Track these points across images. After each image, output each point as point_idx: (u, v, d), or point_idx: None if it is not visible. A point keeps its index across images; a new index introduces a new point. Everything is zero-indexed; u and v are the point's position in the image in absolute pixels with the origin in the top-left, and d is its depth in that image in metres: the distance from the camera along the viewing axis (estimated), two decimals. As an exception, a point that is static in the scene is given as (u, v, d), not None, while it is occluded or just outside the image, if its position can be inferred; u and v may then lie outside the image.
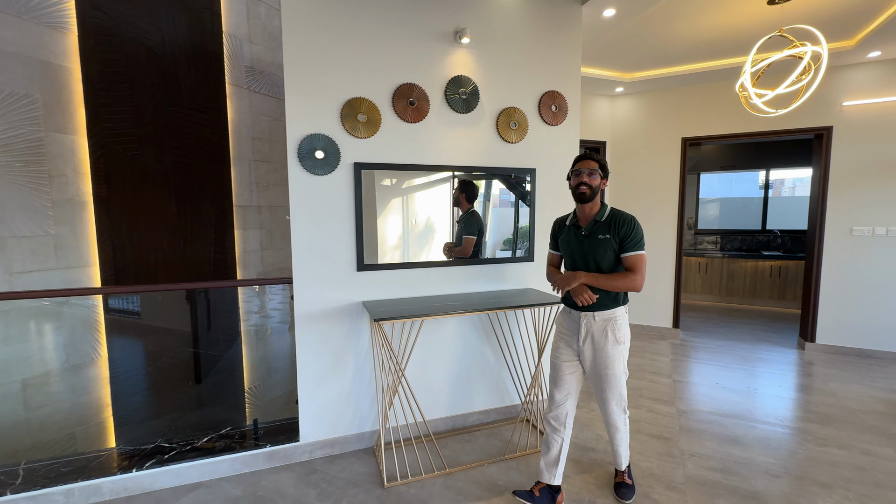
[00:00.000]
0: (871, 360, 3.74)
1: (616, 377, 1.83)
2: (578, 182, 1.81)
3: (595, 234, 1.81)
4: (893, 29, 3.02)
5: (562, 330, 1.95)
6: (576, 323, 1.86)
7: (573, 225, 1.90)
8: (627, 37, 3.30)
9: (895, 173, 3.62)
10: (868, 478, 2.11)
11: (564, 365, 1.91)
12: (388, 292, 2.40)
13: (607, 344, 1.79)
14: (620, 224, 1.78)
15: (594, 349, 1.82)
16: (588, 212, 1.85)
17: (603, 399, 1.89)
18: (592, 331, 1.82)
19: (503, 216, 2.72)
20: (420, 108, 2.34)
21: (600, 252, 1.79)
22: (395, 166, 2.33)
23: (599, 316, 1.81)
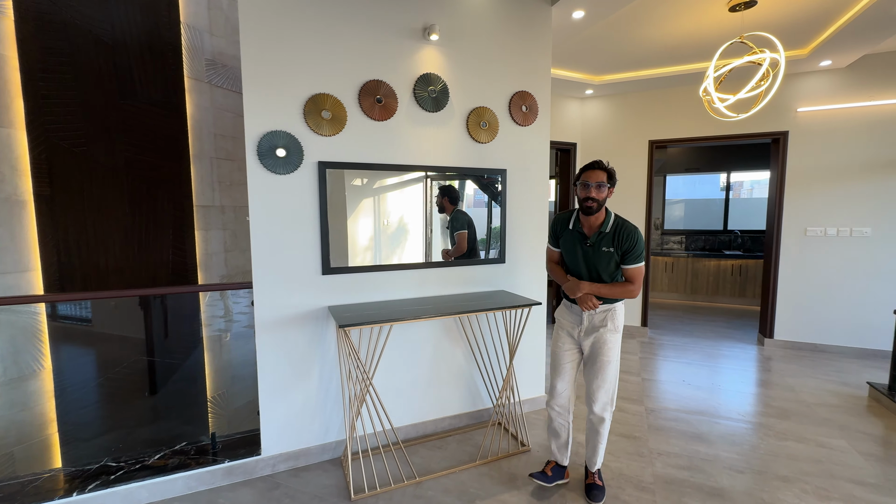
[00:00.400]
0: (824, 354, 3.93)
1: (611, 363, 1.90)
2: (586, 196, 1.81)
3: (599, 245, 1.85)
4: (842, 40, 3.18)
5: (563, 322, 2.03)
6: (577, 315, 1.95)
7: (578, 231, 1.91)
8: (596, 39, 3.33)
9: (845, 177, 3.82)
10: (824, 470, 2.19)
11: (565, 354, 2.01)
12: (356, 296, 2.32)
13: (606, 331, 1.89)
14: (624, 237, 1.81)
15: (594, 336, 1.91)
16: (593, 221, 1.87)
17: (593, 388, 1.93)
18: (594, 321, 1.91)
19: (477, 217, 2.69)
20: (388, 106, 2.27)
21: (603, 263, 1.86)
22: (363, 166, 2.25)
23: (600, 308, 1.89)
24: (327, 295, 2.24)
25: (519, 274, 2.76)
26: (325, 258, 2.20)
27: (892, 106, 3.64)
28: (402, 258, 2.45)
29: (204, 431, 3.13)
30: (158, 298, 3.25)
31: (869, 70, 3.68)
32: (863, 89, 3.71)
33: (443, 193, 2.51)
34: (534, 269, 2.81)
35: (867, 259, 3.79)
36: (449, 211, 2.54)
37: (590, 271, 1.89)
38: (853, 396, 3.06)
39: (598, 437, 1.99)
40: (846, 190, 3.82)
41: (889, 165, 3.68)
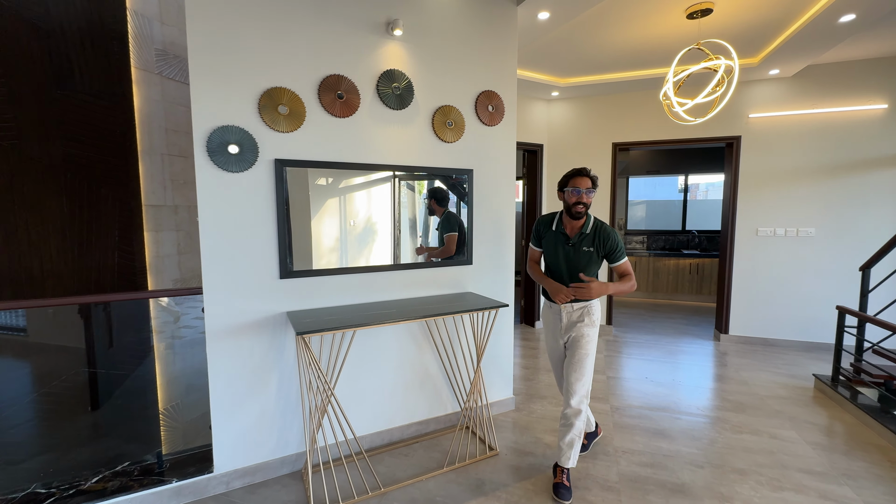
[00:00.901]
0: (775, 348, 4.14)
1: (589, 356, 2.01)
2: (577, 201, 1.94)
3: (580, 245, 2.00)
4: (789, 50, 3.35)
5: (547, 322, 2.19)
6: (557, 314, 2.10)
7: (560, 232, 2.06)
8: (562, 42, 3.36)
9: (792, 180, 4.04)
10: (776, 461, 2.29)
11: (554, 353, 2.18)
12: (319, 300, 2.21)
13: (583, 325, 2.03)
14: (604, 238, 1.98)
15: (573, 330, 2.05)
16: (576, 224, 2.02)
17: (572, 381, 2.00)
18: (571, 316, 2.07)
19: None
20: (350, 102, 2.18)
21: (583, 261, 2.01)
22: (324, 164, 2.16)
23: (577, 305, 2.05)
24: (286, 300, 2.12)
25: (486, 275, 2.73)
26: (283, 261, 2.09)
27: (833, 114, 3.88)
28: (369, 260, 2.37)
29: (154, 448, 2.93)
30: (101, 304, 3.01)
31: (813, 79, 3.91)
32: (807, 98, 3.94)
33: (430, 196, 2.53)
34: (501, 271, 2.79)
35: (812, 257, 4.03)
36: (439, 213, 2.57)
37: (569, 269, 2.04)
38: (801, 388, 3.23)
39: (573, 431, 1.98)
40: (793, 192, 4.04)
41: (831, 170, 3.93)
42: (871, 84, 3.77)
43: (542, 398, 3.07)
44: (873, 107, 3.77)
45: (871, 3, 2.60)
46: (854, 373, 3.04)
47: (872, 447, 2.42)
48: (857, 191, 3.86)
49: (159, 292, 2.86)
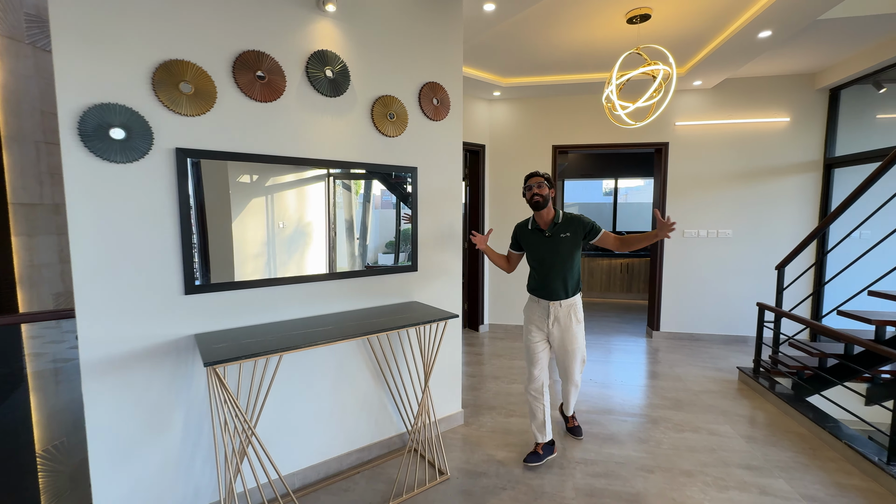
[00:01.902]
0: (700, 342, 4.41)
1: (580, 349, 2.27)
2: (533, 194, 2.17)
3: (556, 234, 2.18)
4: (710, 63, 3.55)
5: (531, 316, 2.29)
6: (545, 309, 2.23)
7: (536, 229, 2.24)
8: (505, 39, 3.26)
9: (712, 185, 4.32)
10: (718, 459, 2.34)
11: (537, 345, 2.27)
12: (239, 318, 1.86)
13: (571, 324, 2.21)
14: (577, 223, 2.17)
15: (561, 329, 2.21)
16: (546, 217, 2.21)
17: (568, 367, 2.31)
18: (559, 315, 2.20)
19: (385, 220, 2.41)
20: (273, 85, 1.85)
21: (563, 247, 2.17)
22: (241, 156, 1.81)
23: (564, 303, 2.19)
24: (195, 320, 1.74)
25: (433, 283, 2.52)
26: (188, 273, 1.71)
27: (746, 125, 4.21)
28: (302, 267, 2.06)
29: (30, 500, 2.33)
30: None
31: (729, 92, 4.21)
32: (725, 109, 4.24)
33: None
34: (449, 278, 2.60)
35: (730, 257, 4.34)
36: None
37: (553, 255, 2.19)
38: (727, 381, 3.43)
39: (573, 395, 2.49)
40: (713, 196, 4.33)
41: (744, 176, 4.26)
42: (776, 99, 4.14)
43: (490, 409, 2.93)
44: (778, 119, 4.15)
45: (786, 21, 2.79)
46: (772, 364, 3.28)
47: (794, 435, 2.58)
48: (767, 195, 4.23)
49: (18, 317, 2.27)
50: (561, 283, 2.18)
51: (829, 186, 4.08)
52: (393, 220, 2.41)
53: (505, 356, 4.00)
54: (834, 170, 4.05)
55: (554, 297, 2.18)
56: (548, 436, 2.29)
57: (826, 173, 4.09)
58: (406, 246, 2.42)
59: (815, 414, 2.69)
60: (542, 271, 2.22)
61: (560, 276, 2.17)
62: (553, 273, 2.18)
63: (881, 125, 4.03)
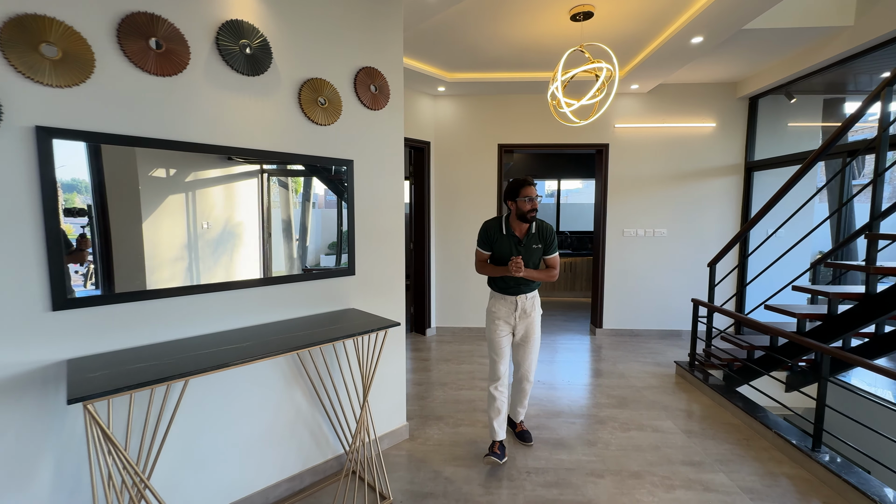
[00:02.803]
0: (639, 338, 4.56)
1: (538, 337, 2.37)
2: (532, 208, 2.15)
3: (530, 244, 2.20)
4: (647, 67, 3.65)
5: (498, 312, 2.29)
6: (511, 303, 2.26)
7: (510, 234, 2.22)
8: (449, 30, 3.11)
9: (648, 186, 4.49)
10: (663, 456, 2.35)
11: (503, 340, 2.29)
12: (140, 335, 1.53)
13: (535, 312, 2.32)
14: (547, 234, 2.23)
15: (526, 319, 2.30)
16: (524, 226, 2.21)
17: (528, 362, 2.37)
18: (525, 306, 2.27)
19: (326, 220, 2.20)
20: (173, 56, 1.55)
21: (535, 258, 2.23)
22: (130, 140, 1.49)
23: (529, 295, 2.29)
24: (71, 342, 1.40)
25: (373, 288, 2.31)
26: (57, 284, 1.36)
27: (677, 129, 4.42)
28: (231, 273, 1.81)
29: None
30: None
31: (663, 97, 4.39)
32: (659, 113, 4.41)
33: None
34: (390, 281, 2.40)
35: (665, 255, 4.53)
36: None
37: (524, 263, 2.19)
38: (665, 375, 3.54)
39: (525, 396, 2.48)
40: (649, 197, 4.50)
41: (676, 178, 4.46)
42: (703, 105, 4.38)
43: (437, 419, 2.76)
44: (706, 124, 4.39)
45: (716, 28, 2.91)
46: (706, 357, 3.42)
47: (729, 427, 2.68)
48: (696, 196, 4.46)
49: None
50: (525, 283, 2.24)
51: (749, 188, 4.38)
52: (333, 220, 2.19)
53: (452, 360, 3.86)
54: (754, 173, 4.36)
55: (521, 292, 2.25)
56: (504, 433, 2.31)
57: (747, 176, 4.39)
58: (345, 247, 2.18)
59: (745, 404, 2.81)
60: (508, 275, 2.19)
61: (525, 280, 2.22)
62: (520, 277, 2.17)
63: (792, 132, 4.40)
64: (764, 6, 2.63)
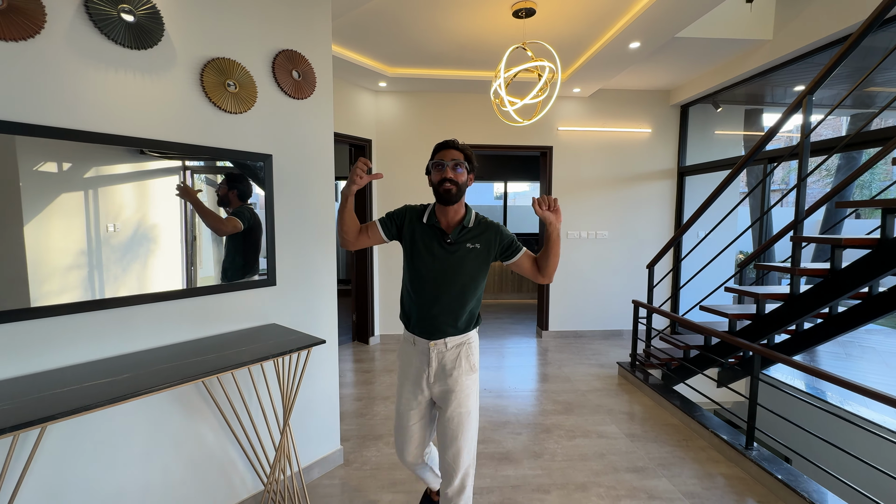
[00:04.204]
0: (583, 339, 4.61)
1: (471, 416, 1.48)
2: (442, 178, 1.40)
3: (462, 242, 1.45)
4: (588, 71, 3.68)
5: (406, 366, 1.54)
6: (424, 354, 1.48)
7: (433, 227, 1.46)
8: (386, 20, 2.92)
9: (590, 189, 4.55)
10: (608, 465, 2.30)
11: (412, 414, 1.52)
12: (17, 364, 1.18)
13: (462, 374, 1.46)
14: (493, 234, 1.48)
15: (447, 383, 1.46)
16: (452, 216, 1.46)
17: (452, 454, 1.46)
18: (444, 360, 1.46)
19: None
20: (20, 15, 1.22)
21: (468, 265, 1.44)
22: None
23: (452, 342, 1.46)
24: None
25: (297, 299, 2.05)
26: None
27: (616, 133, 4.52)
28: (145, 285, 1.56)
29: None
30: None
31: (602, 102, 4.47)
32: (599, 117, 4.49)
33: (230, 184, 1.78)
34: (317, 292, 2.15)
35: (607, 257, 4.62)
36: (235, 206, 1.80)
37: (449, 273, 1.43)
38: (608, 377, 3.56)
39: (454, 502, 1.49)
40: (592, 199, 4.57)
41: (616, 181, 4.57)
42: (640, 111, 4.52)
43: (377, 438, 2.55)
44: (642, 130, 4.53)
45: (652, 34, 2.95)
46: (646, 357, 3.49)
47: (670, 428, 2.71)
48: (635, 199, 4.59)
49: None
50: (450, 314, 1.44)
51: (682, 192, 4.58)
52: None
53: (397, 371, 3.65)
54: (686, 177, 4.56)
55: (436, 334, 1.45)
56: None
57: (679, 180, 4.58)
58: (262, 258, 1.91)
59: (682, 403, 2.87)
60: (425, 293, 1.45)
61: (452, 304, 1.44)
62: (443, 298, 1.44)
63: (719, 139, 4.66)
64: (695, 14, 2.69)
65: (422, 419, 1.53)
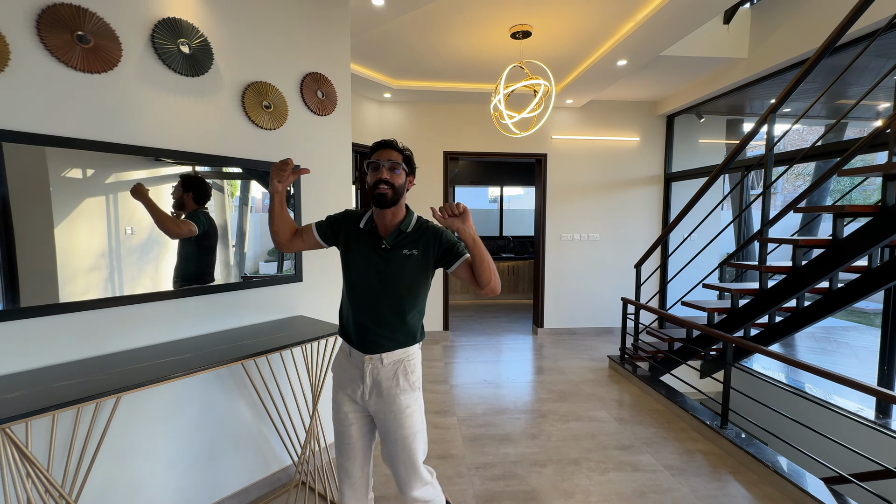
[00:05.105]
0: (577, 336, 4.87)
1: (417, 435, 1.37)
2: (377, 180, 1.29)
3: (399, 248, 1.35)
4: (579, 85, 3.96)
5: (340, 379, 1.42)
6: (358, 368, 1.36)
7: (370, 231, 1.37)
8: (395, 39, 3.17)
9: (582, 193, 4.83)
10: (598, 444, 2.55)
11: (352, 429, 1.40)
12: (58, 353, 1.41)
13: (399, 392, 1.34)
14: (433, 238, 1.37)
15: (383, 402, 1.34)
16: (390, 219, 1.36)
17: (402, 473, 1.37)
18: (379, 378, 1.34)
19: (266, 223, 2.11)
20: (102, 52, 1.46)
21: (407, 273, 1.34)
22: (55, 140, 1.38)
23: (389, 358, 1.35)
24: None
25: (321, 294, 2.29)
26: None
27: (607, 142, 4.81)
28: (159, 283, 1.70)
29: None
30: None
31: (594, 112, 4.76)
32: (591, 126, 4.78)
33: (186, 187, 1.75)
34: (339, 287, 2.38)
35: (598, 258, 4.90)
36: (189, 210, 1.78)
37: (385, 286, 1.34)
38: (600, 369, 3.82)
39: None
40: (584, 204, 4.85)
41: (607, 186, 4.85)
42: (629, 121, 4.81)
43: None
44: (631, 138, 4.82)
45: (637, 53, 3.23)
46: (634, 351, 3.75)
47: (654, 412, 2.96)
48: (624, 203, 4.87)
49: None
50: (387, 327, 1.34)
51: (668, 197, 4.87)
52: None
53: (401, 365, 3.89)
54: (672, 183, 4.85)
55: (372, 348, 1.35)
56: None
57: (666, 186, 4.87)
58: (290, 255, 2.14)
59: (667, 391, 3.13)
60: (360, 303, 1.36)
61: (389, 316, 1.34)
62: (379, 309, 1.34)
63: (702, 148, 4.96)
64: (677, 36, 2.97)
65: (362, 435, 1.42)
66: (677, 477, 2.22)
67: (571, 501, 2.03)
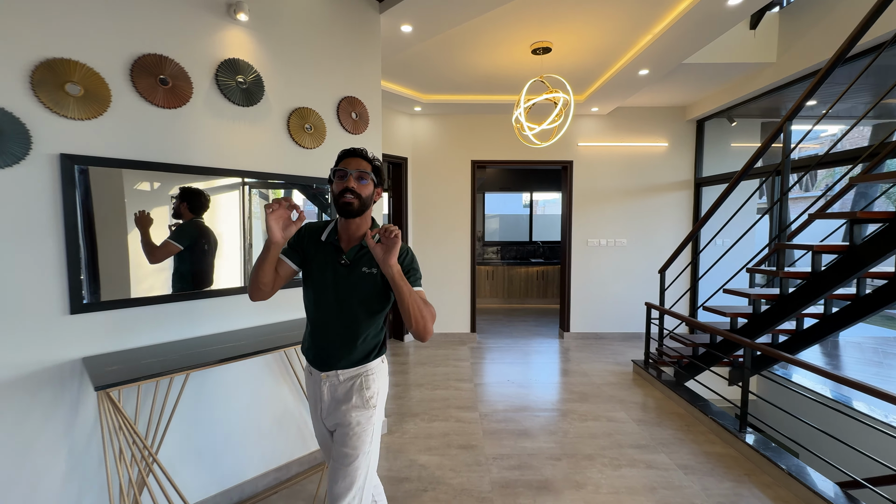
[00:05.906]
0: (603, 340, 4.90)
1: (359, 458, 1.26)
2: (343, 189, 1.23)
3: (358, 263, 1.28)
4: (603, 93, 4.05)
5: (308, 395, 1.41)
6: (317, 385, 1.33)
7: (332, 244, 1.31)
8: (423, 58, 3.42)
9: (609, 199, 4.88)
10: (614, 442, 2.64)
11: (327, 444, 1.40)
12: (137, 338, 1.72)
13: (350, 409, 1.28)
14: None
15: (333, 418, 1.31)
16: (354, 231, 1.30)
17: (335, 493, 1.24)
18: (336, 395, 1.31)
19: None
20: (178, 91, 1.77)
21: (365, 290, 1.27)
22: (142, 164, 1.70)
23: (345, 374, 1.30)
24: (83, 342, 1.59)
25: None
26: (74, 291, 1.55)
27: (635, 147, 4.84)
28: (220, 281, 1.99)
29: None
30: None
31: (621, 119, 4.81)
32: (618, 133, 4.83)
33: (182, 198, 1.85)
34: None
35: (625, 263, 4.91)
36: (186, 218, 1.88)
37: (342, 305, 1.28)
38: (624, 373, 3.87)
39: None
40: (610, 209, 4.89)
41: (634, 192, 4.87)
42: (657, 127, 4.82)
43: (414, 416, 2.99)
44: (659, 144, 4.82)
45: (658, 63, 3.30)
46: (658, 355, 3.77)
47: (675, 416, 3.00)
48: (652, 209, 4.87)
49: None
50: (343, 345, 1.30)
51: (699, 202, 4.82)
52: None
53: (429, 364, 4.10)
54: (702, 188, 4.81)
55: (328, 365, 1.31)
56: None
57: (696, 191, 4.83)
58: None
59: (690, 396, 3.15)
60: (317, 320, 1.33)
61: (345, 334, 1.30)
62: (335, 326, 1.30)
63: (734, 152, 4.88)
64: (697, 46, 3.04)
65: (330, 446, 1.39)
66: (690, 475, 2.29)
67: (582, 492, 2.15)
